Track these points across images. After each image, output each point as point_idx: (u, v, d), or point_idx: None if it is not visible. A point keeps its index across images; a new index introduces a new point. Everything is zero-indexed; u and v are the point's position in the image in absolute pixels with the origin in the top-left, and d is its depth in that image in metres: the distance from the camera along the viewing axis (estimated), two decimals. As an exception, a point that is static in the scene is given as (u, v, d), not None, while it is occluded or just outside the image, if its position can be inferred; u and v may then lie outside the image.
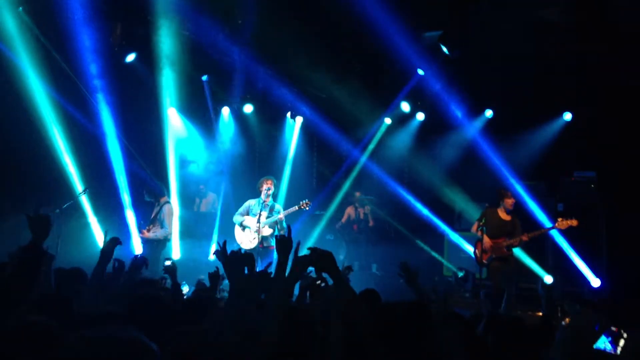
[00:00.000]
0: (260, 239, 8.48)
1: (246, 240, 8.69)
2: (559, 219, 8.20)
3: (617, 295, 9.02)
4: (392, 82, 11.30)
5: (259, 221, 8.48)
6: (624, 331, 4.99)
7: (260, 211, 8.60)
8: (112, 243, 4.29)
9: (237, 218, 8.93)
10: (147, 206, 8.88)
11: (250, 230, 8.69)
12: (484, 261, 8.28)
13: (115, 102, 10.15)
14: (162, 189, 8.73)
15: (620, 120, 9.50)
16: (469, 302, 9.54)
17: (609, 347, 4.99)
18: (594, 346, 2.72)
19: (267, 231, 8.61)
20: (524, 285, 9.86)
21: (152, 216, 8.51)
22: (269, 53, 10.40)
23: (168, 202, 8.65)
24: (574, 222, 8.07)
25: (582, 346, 2.43)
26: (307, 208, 8.71)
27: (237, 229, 8.90)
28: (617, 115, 9.55)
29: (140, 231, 8.51)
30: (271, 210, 8.76)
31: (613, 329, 5.11)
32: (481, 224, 8.16)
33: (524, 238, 8.17)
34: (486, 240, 8.26)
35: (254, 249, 8.38)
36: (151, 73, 10.33)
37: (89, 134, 9.96)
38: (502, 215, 8.41)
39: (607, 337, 5.11)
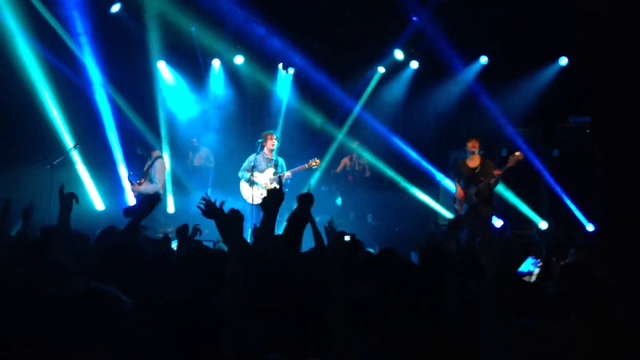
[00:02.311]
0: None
1: (256, 196, 8.68)
2: (515, 153, 8.09)
3: (611, 239, 9.08)
4: (385, 30, 11.09)
5: (266, 177, 8.59)
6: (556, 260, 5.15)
7: (267, 168, 8.68)
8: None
9: (243, 173, 8.91)
10: (139, 160, 8.78)
11: (259, 187, 8.71)
12: (460, 213, 8.37)
13: (103, 55, 9.96)
14: (154, 143, 8.65)
15: (617, 65, 9.37)
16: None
17: (529, 268, 5.18)
18: (518, 270, 2.76)
19: (272, 186, 8.68)
20: (518, 231, 9.94)
21: (144, 170, 8.43)
22: (259, 2, 10.17)
23: (160, 156, 8.56)
24: (520, 156, 7.98)
25: (508, 272, 2.44)
26: (316, 167, 8.82)
27: (244, 184, 8.88)
28: (613, 60, 9.41)
29: (131, 184, 8.42)
30: (275, 166, 8.81)
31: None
32: (454, 175, 8.42)
33: (495, 173, 8.08)
34: (458, 191, 8.37)
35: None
36: (138, 24, 10.10)
37: (77, 87, 9.81)
38: (470, 163, 8.43)
39: (534, 261, 5.28)
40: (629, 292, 3.40)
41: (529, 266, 5.25)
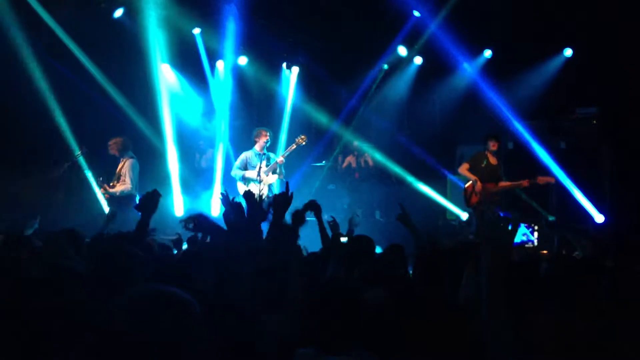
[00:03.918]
0: (267, 188, 8.57)
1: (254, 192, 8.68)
2: (539, 177, 8.49)
3: (620, 230, 9.04)
4: (388, 27, 11.06)
5: (259, 173, 8.51)
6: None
7: (260, 162, 8.65)
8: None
9: (236, 172, 8.93)
10: (112, 162, 8.64)
11: (255, 184, 8.71)
12: (474, 204, 8.39)
13: (107, 60, 10.02)
14: (126, 143, 8.50)
15: (623, 53, 9.32)
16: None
17: (529, 237, 5.24)
18: (514, 243, 2.76)
19: (272, 178, 8.69)
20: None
21: (117, 171, 8.32)
22: (261, 2, 10.16)
23: (132, 157, 8.45)
24: (552, 180, 8.57)
25: (502, 254, 2.46)
26: (304, 142, 8.78)
27: (240, 184, 8.90)
28: (619, 49, 9.35)
29: (102, 187, 8.28)
30: (268, 160, 8.82)
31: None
32: (469, 163, 8.51)
33: (524, 184, 8.30)
34: (478, 183, 8.36)
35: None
36: (141, 28, 10.12)
37: (84, 93, 9.88)
38: (492, 159, 8.49)
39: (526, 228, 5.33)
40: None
41: (522, 236, 5.32)
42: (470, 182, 8.68)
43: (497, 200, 8.45)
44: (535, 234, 5.37)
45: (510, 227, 2.58)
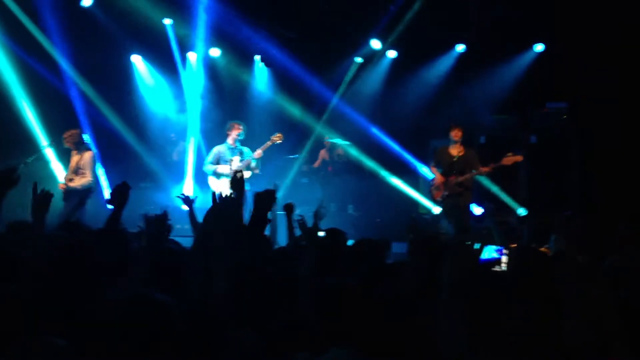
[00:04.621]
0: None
1: (225, 188, 8.58)
2: (508, 154, 8.30)
3: (589, 223, 9.17)
4: (362, 19, 11.05)
5: (231, 167, 8.39)
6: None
7: (233, 157, 8.52)
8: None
9: (208, 167, 8.80)
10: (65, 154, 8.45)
11: (227, 179, 8.60)
12: (438, 199, 8.44)
13: (76, 50, 9.83)
14: (82, 135, 8.31)
15: (593, 49, 9.46)
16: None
17: (493, 256, 5.30)
18: (480, 259, 2.79)
19: (245, 174, 8.53)
20: (498, 219, 9.99)
21: (74, 164, 8.09)
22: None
23: (89, 149, 8.29)
24: (519, 158, 8.28)
25: (469, 262, 2.50)
26: (280, 141, 8.68)
27: (212, 178, 8.79)
28: (589, 44, 9.49)
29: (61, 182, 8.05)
30: (241, 153, 8.68)
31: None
32: (433, 161, 8.50)
33: (483, 170, 8.26)
34: (437, 177, 8.41)
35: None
36: (111, 18, 9.95)
37: (50, 84, 9.68)
38: (453, 151, 8.54)
39: (497, 248, 5.39)
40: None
41: (492, 253, 5.33)
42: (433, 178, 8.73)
43: (460, 192, 8.42)
44: (504, 257, 5.36)
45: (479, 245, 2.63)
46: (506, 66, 10.75)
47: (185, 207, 5.14)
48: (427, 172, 8.70)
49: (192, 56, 11.45)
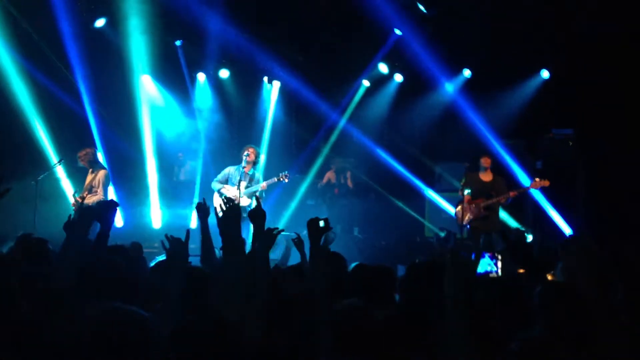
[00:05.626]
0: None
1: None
2: (536, 179, 8.57)
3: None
4: (369, 44, 11.16)
5: (239, 188, 8.38)
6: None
7: (240, 180, 8.46)
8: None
9: (215, 185, 8.80)
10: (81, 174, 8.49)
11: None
12: (464, 222, 8.48)
13: (87, 70, 9.94)
14: (96, 154, 8.35)
15: (598, 76, 9.52)
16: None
17: (492, 268, 5.33)
18: (477, 272, 2.85)
19: (245, 201, 8.41)
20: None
21: (87, 183, 8.11)
22: (243, 15, 10.19)
23: (104, 168, 8.28)
24: (546, 183, 8.52)
25: (465, 275, 2.56)
26: (286, 180, 8.64)
27: (216, 196, 8.80)
28: (595, 72, 9.56)
29: (75, 200, 8.04)
30: (251, 180, 8.62)
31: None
32: (462, 185, 8.46)
33: (511, 194, 8.41)
34: (466, 199, 8.47)
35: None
36: (123, 39, 10.08)
37: (62, 102, 9.78)
38: (482, 177, 8.67)
39: (490, 259, 5.41)
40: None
41: (487, 266, 5.39)
42: (460, 201, 8.76)
43: (486, 215, 8.56)
44: (499, 263, 5.43)
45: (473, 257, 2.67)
46: (513, 92, 10.83)
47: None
48: (435, 196, 8.75)
49: (201, 77, 11.58)
